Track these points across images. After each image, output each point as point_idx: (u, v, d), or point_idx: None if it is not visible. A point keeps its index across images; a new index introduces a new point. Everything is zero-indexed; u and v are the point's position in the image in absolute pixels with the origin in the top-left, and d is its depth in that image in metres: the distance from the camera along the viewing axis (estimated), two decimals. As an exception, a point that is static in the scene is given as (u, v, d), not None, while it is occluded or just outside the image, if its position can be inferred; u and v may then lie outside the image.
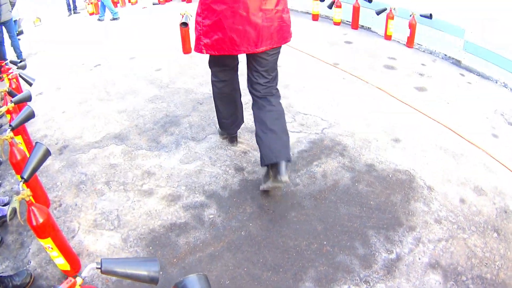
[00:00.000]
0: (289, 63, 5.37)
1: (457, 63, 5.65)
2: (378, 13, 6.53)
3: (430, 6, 5.99)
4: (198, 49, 2.83)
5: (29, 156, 2.34)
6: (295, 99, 4.29)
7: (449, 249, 2.49)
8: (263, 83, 2.99)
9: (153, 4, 12.02)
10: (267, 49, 2.81)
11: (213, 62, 3.15)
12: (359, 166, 3.22)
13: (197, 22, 2.78)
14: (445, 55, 5.87)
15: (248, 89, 3.06)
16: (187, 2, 11.48)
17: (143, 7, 11.80)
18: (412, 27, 6.12)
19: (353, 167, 3.21)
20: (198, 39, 2.82)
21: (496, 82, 5.02)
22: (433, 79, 4.98)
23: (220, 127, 3.54)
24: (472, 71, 5.38)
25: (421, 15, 5.96)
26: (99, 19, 10.52)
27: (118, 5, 12.73)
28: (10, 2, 7.82)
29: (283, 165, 2.63)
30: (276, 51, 3.01)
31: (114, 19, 10.40)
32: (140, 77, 5.37)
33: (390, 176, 3.11)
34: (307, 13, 8.45)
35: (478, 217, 2.74)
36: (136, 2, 12.90)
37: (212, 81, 3.24)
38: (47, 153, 2.37)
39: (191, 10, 4.61)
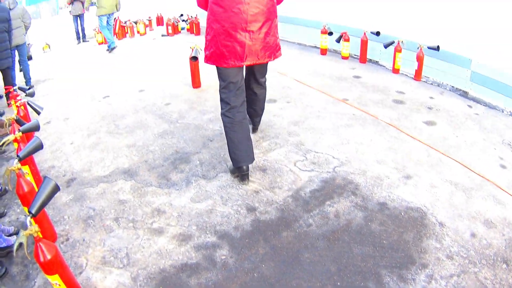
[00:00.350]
0: (298, 99, 5.43)
1: (464, 94, 5.71)
2: (386, 46, 6.59)
3: (436, 36, 6.08)
4: (204, 60, 3.55)
5: (38, 190, 2.33)
6: (306, 137, 4.30)
7: (461, 284, 2.48)
8: (258, 80, 3.86)
9: (162, 35, 12.26)
10: (252, 64, 3.42)
11: (221, 79, 3.52)
12: (372, 205, 3.22)
13: (205, 37, 3.52)
14: (453, 86, 5.92)
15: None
16: (196, 35, 11.75)
17: (152, 38, 12.05)
18: (419, 59, 6.19)
19: (365, 206, 3.22)
20: (204, 50, 3.55)
21: (503, 112, 5.06)
22: (442, 113, 5.02)
23: (233, 163, 3.55)
24: (479, 102, 5.43)
25: (428, 47, 6.02)
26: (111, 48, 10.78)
27: (127, 35, 13.07)
28: (25, 26, 8.07)
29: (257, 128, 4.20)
30: (265, 64, 3.76)
31: (111, 49, 10.53)
32: (149, 111, 5.42)
33: (402, 214, 3.11)
34: (315, 47, 8.58)
35: (488, 250, 2.74)
36: (145, 33, 13.16)
37: (223, 112, 3.53)
38: (56, 189, 2.36)
39: (201, 43, 4.77)
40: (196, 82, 6.21)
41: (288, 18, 9.39)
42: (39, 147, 3.04)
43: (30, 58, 11.41)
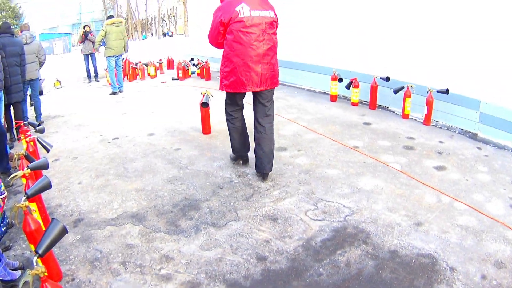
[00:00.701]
0: (309, 147, 5.49)
1: (473, 136, 5.83)
2: (396, 91, 6.74)
3: (445, 77, 6.23)
4: (221, 88, 4.41)
5: (45, 231, 2.35)
6: (317, 186, 4.32)
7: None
8: (266, 113, 4.50)
9: (172, 79, 12.49)
10: (263, 90, 4.31)
11: (229, 104, 4.62)
12: (383, 253, 3.21)
13: (220, 69, 4.37)
14: (462, 129, 6.05)
15: (254, 118, 4.55)
16: (206, 80, 12.00)
17: (162, 82, 12.25)
18: (429, 104, 6.32)
19: (376, 254, 3.20)
20: (221, 81, 4.38)
21: (512, 151, 5.21)
22: (451, 157, 5.10)
23: (233, 151, 4.92)
24: (488, 143, 5.55)
25: (438, 91, 6.16)
26: (119, 90, 11.01)
27: (138, 77, 13.39)
28: (39, 61, 8.35)
29: (267, 174, 4.47)
30: (271, 91, 4.49)
31: (113, 93, 10.81)
32: (159, 156, 5.47)
33: (413, 261, 3.09)
34: (325, 93, 8.75)
35: (497, 289, 2.77)
36: (156, 76, 13.44)
37: (228, 120, 4.71)
38: (64, 232, 2.39)
39: (211, 88, 4.98)
40: (206, 128, 6.28)
41: (298, 64, 9.62)
42: (48, 187, 3.07)
43: (41, 93, 11.72)
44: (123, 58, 12.33)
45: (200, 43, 14.57)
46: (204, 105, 6.07)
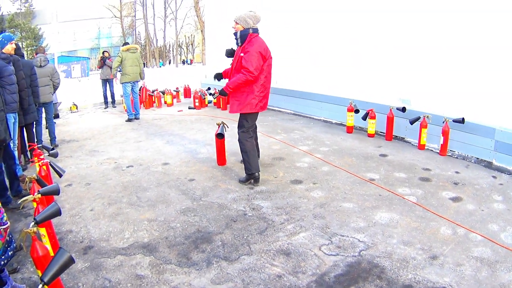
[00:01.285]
0: (325, 180, 5.48)
1: (488, 165, 5.88)
2: (412, 122, 6.80)
3: (461, 107, 6.35)
4: (256, 109, 5.32)
5: (52, 259, 2.36)
6: (332, 220, 4.30)
7: None
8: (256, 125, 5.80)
9: (189, 108, 12.63)
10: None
11: (251, 125, 5.51)
12: None
13: (254, 94, 5.24)
14: (477, 158, 6.13)
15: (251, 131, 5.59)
16: (222, 109, 12.11)
17: (179, 110, 12.38)
18: (445, 134, 6.37)
19: None
20: (256, 104, 5.28)
21: (527, 178, 5.20)
22: (467, 187, 5.11)
23: (251, 170, 5.38)
24: (504, 171, 5.60)
25: (453, 121, 6.23)
26: (135, 117, 11.17)
27: (154, 105, 13.60)
28: (53, 85, 8.57)
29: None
30: None
31: (128, 119, 11.01)
32: (172, 186, 5.49)
33: None
34: (342, 124, 8.81)
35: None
36: (172, 104, 13.60)
37: (246, 139, 5.42)
38: (71, 262, 2.40)
39: (227, 118, 5.07)
40: (221, 159, 6.31)
41: (314, 94, 9.74)
42: (57, 214, 3.09)
43: (57, 116, 12.02)
44: (140, 85, 12.54)
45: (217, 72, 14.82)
46: (220, 136, 6.10)
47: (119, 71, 11.26)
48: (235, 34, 5.33)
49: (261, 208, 4.65)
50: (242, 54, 5.21)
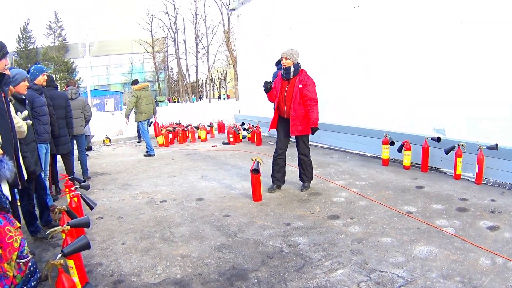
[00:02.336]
0: (362, 215, 5.42)
1: None
2: (447, 152, 6.84)
3: (493, 132, 6.48)
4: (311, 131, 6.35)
5: None
6: (370, 255, 4.23)
7: None
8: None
9: (223, 143, 12.74)
10: None
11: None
12: None
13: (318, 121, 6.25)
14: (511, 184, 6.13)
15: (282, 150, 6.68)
16: (257, 145, 12.20)
17: (213, 145, 12.50)
18: (480, 162, 6.39)
19: None
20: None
21: None
22: (504, 215, 5.08)
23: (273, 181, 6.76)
24: None
25: (487, 148, 6.26)
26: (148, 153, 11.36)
27: (188, 140, 13.81)
28: (85, 117, 8.81)
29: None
30: None
31: (148, 154, 11.24)
32: (207, 222, 5.47)
33: None
34: (377, 157, 8.82)
35: None
36: (206, 139, 13.76)
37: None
38: None
39: (262, 153, 5.08)
40: (257, 195, 6.28)
41: (348, 127, 9.86)
42: (86, 247, 3.10)
43: (90, 149, 12.33)
44: (152, 121, 12.72)
45: (250, 107, 15.04)
46: (255, 171, 6.11)
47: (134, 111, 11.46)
48: (288, 68, 6.33)
49: (298, 245, 4.58)
50: (300, 86, 6.25)
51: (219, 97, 75.89)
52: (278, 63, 10.24)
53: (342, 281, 3.76)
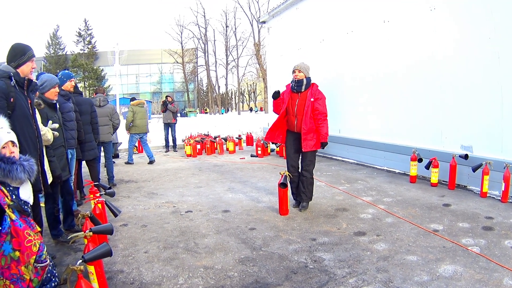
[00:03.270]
0: (388, 232, 5.37)
1: None
2: (475, 170, 6.80)
3: None
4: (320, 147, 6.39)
5: None
6: (395, 273, 4.16)
7: None
8: None
9: (251, 156, 12.78)
10: None
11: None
12: None
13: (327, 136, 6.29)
14: None
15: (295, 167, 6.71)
16: (285, 158, 12.27)
17: (240, 158, 12.55)
18: (506, 180, 6.33)
19: None
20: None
21: None
22: None
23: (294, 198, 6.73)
24: None
25: None
26: (150, 161, 12.14)
27: (216, 151, 13.88)
28: (113, 125, 8.95)
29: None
30: None
31: (128, 163, 12.01)
32: (232, 234, 5.46)
33: None
34: (405, 174, 8.76)
35: None
36: (234, 151, 13.80)
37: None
38: None
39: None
40: (283, 210, 6.26)
41: (376, 143, 9.87)
42: (108, 254, 3.13)
43: (117, 156, 12.64)
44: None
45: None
46: (282, 185, 6.10)
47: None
48: (300, 81, 6.35)
49: (323, 261, 4.54)
50: (312, 100, 6.25)
51: (251, 110, 76.17)
52: None
53: (366, 300, 3.71)
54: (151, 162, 12.10)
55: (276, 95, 6.50)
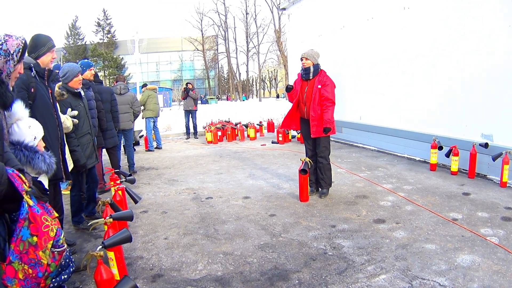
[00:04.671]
0: (408, 220, 5.36)
1: None
2: (495, 159, 6.73)
3: None
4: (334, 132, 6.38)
5: (116, 285, 2.41)
6: (413, 262, 4.17)
7: None
8: None
9: (272, 142, 12.78)
10: None
11: None
12: None
13: (332, 121, 6.25)
14: None
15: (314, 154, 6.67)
16: (305, 145, 12.26)
17: (261, 144, 12.56)
18: None
19: None
20: (333, 128, 6.31)
21: None
22: None
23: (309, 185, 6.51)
24: None
25: None
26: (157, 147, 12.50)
27: (237, 138, 13.90)
28: (134, 113, 9.02)
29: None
30: None
31: (149, 150, 12.29)
32: (252, 220, 5.49)
33: None
34: (425, 162, 8.71)
35: None
36: (255, 138, 13.79)
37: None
38: None
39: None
40: (304, 196, 6.27)
41: (397, 130, 9.80)
42: (127, 240, 3.15)
43: (137, 143, 12.82)
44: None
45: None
46: (303, 172, 6.10)
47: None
48: (307, 69, 6.46)
49: (342, 248, 4.55)
50: (319, 86, 6.30)
51: (277, 96, 75.75)
52: None
53: (384, 287, 3.72)
54: (158, 148, 12.56)
55: (289, 88, 6.58)
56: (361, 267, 4.07)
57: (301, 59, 6.44)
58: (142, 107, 11.98)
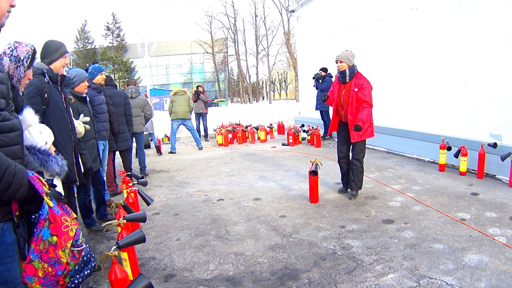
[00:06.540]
0: (416, 220, 5.40)
1: None
2: (503, 158, 6.74)
3: None
4: (373, 135, 6.40)
5: (130, 284, 2.48)
6: (421, 261, 4.21)
7: None
8: None
9: (283, 144, 12.80)
10: None
11: None
12: None
13: (370, 123, 6.23)
14: None
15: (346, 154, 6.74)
16: (316, 147, 12.17)
17: (272, 146, 12.61)
18: None
19: None
20: (372, 130, 6.34)
21: None
22: None
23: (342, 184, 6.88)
24: None
25: None
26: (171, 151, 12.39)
27: (248, 140, 13.95)
28: (145, 116, 9.14)
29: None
30: None
31: (171, 152, 12.37)
32: (263, 221, 5.56)
33: None
34: (434, 162, 8.74)
35: None
36: (266, 140, 13.84)
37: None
38: None
39: (321, 156, 5.08)
40: (314, 197, 6.32)
41: (406, 131, 9.83)
42: (141, 240, 3.23)
43: (148, 146, 12.93)
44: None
45: (310, 109, 15.08)
46: (313, 173, 6.15)
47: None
48: (343, 72, 6.31)
49: (351, 248, 4.61)
50: (356, 90, 6.18)
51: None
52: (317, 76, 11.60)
53: (392, 286, 3.77)
54: (171, 152, 12.49)
55: (326, 98, 6.67)
56: (370, 266, 4.13)
57: (336, 62, 6.36)
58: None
